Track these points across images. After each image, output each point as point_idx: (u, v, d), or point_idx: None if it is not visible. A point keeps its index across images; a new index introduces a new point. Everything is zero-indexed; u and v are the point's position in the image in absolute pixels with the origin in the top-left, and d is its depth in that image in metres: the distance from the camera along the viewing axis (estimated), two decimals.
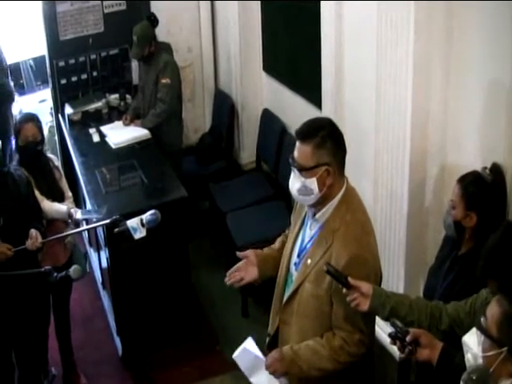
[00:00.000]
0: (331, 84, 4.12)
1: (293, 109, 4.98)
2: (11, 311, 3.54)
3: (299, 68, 4.85)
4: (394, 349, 2.47)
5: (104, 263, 4.55)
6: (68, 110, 5.48)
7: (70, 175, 4.63)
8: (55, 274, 3.07)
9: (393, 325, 2.30)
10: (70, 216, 3.81)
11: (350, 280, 2.37)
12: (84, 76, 5.63)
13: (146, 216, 3.07)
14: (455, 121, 3.15)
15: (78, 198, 4.72)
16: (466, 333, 2.07)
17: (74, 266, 3.14)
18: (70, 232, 3.82)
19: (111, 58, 5.67)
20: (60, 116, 5.65)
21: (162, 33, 5.33)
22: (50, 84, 5.69)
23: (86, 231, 5.06)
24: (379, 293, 2.42)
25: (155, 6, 5.57)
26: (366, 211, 2.58)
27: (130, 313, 4.26)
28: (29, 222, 3.47)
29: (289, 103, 5.07)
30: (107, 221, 3.21)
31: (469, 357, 2.00)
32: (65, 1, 5.38)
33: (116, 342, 4.46)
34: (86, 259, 4.18)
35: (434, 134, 3.25)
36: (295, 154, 2.46)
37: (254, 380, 2.63)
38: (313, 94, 4.52)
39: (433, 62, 3.14)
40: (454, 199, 2.78)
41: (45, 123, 5.51)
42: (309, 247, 2.56)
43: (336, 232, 2.47)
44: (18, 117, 4.66)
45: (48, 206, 3.76)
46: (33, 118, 3.91)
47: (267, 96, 5.53)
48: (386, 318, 2.42)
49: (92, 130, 5.25)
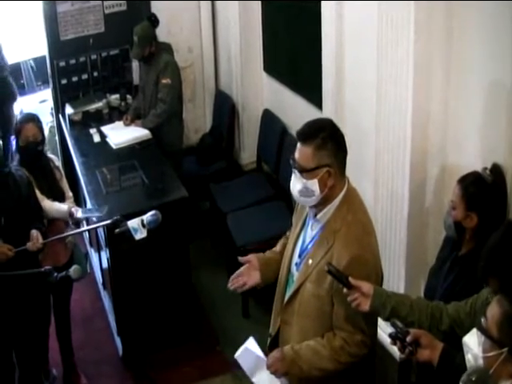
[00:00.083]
0: (332, 84, 4.12)
1: (293, 109, 4.98)
2: (12, 311, 3.54)
3: (300, 68, 4.85)
4: (395, 349, 2.47)
5: (105, 263, 4.55)
6: (68, 110, 5.48)
7: (70, 175, 4.63)
8: (55, 273, 3.07)
9: (393, 325, 2.30)
10: (70, 215, 3.80)
11: (351, 280, 2.37)
12: (85, 76, 5.63)
13: (147, 216, 3.06)
14: (456, 121, 3.15)
15: (79, 198, 4.72)
16: (466, 333, 2.06)
17: (74, 265, 3.14)
18: (70, 232, 3.82)
19: (112, 59, 5.67)
20: (60, 116, 5.65)
21: (162, 33, 5.32)
22: (51, 84, 5.69)
23: (87, 231, 5.06)
24: (380, 293, 2.42)
25: (156, 7, 5.58)
26: (367, 212, 2.58)
27: (130, 313, 4.26)
28: (30, 222, 3.47)
29: (289, 103, 5.06)
30: (108, 221, 3.20)
31: (469, 357, 2.00)
32: (65, 1, 5.39)
33: (116, 342, 4.46)
34: (86, 259, 4.18)
35: (435, 134, 3.25)
36: (296, 156, 2.46)
37: (255, 380, 2.63)
38: (313, 95, 4.51)
39: (433, 62, 3.14)
40: (454, 200, 2.78)
41: (45, 123, 5.51)
42: (310, 247, 2.56)
43: (337, 232, 2.47)
44: (19, 117, 4.66)
45: (49, 205, 3.75)
46: (33, 118, 3.91)
47: (268, 96, 5.53)
48: (387, 318, 2.42)
49: (93, 131, 5.25)
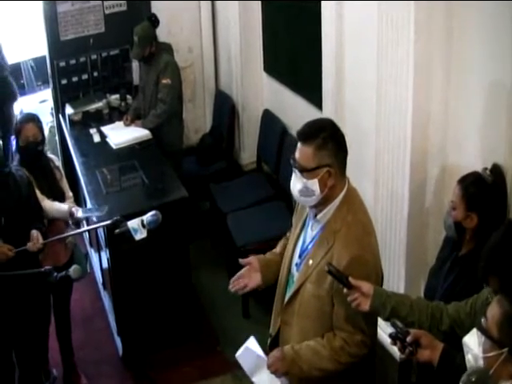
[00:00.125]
0: (332, 84, 4.12)
1: (293, 109, 4.98)
2: (12, 311, 3.54)
3: (300, 68, 4.85)
4: (395, 349, 2.46)
5: (105, 264, 4.55)
6: (69, 110, 5.48)
7: (70, 175, 4.63)
8: (55, 273, 3.07)
9: (393, 325, 2.29)
10: (71, 215, 3.80)
11: (351, 280, 2.37)
12: (85, 76, 5.63)
13: (147, 217, 3.06)
14: (456, 121, 3.15)
15: (79, 199, 4.72)
16: (466, 333, 2.06)
17: (73, 265, 3.13)
18: (71, 233, 3.82)
19: (112, 59, 5.67)
20: (61, 116, 5.65)
21: (162, 33, 5.32)
22: (51, 84, 5.69)
23: (87, 232, 5.06)
24: (380, 293, 2.42)
25: (156, 7, 5.58)
26: (367, 212, 2.58)
27: (130, 313, 4.25)
28: (30, 222, 3.47)
29: (289, 104, 5.06)
30: (108, 222, 3.20)
31: (469, 358, 1.99)
32: (65, 1, 5.39)
33: (116, 342, 4.46)
34: (86, 259, 4.18)
35: (435, 134, 3.25)
36: (296, 155, 2.45)
37: (255, 379, 2.63)
38: (313, 95, 4.51)
39: (433, 62, 3.14)
40: (454, 200, 2.78)
41: (45, 123, 5.51)
42: (310, 248, 2.56)
43: (337, 233, 2.47)
44: (19, 117, 4.66)
45: (49, 205, 3.75)
46: (33, 119, 3.91)
47: (268, 96, 5.53)
48: (387, 318, 2.42)
49: (93, 131, 5.25)
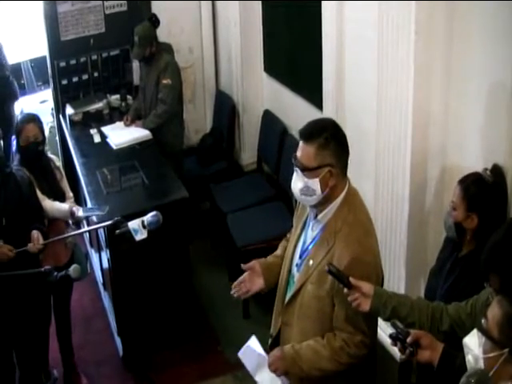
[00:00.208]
0: (332, 85, 4.12)
1: (294, 110, 4.98)
2: (12, 311, 3.54)
3: (300, 69, 4.85)
4: (395, 350, 2.46)
5: (105, 264, 4.55)
6: (69, 110, 5.48)
7: (70, 176, 4.62)
8: (55, 273, 3.07)
9: (393, 326, 2.29)
10: (71, 214, 3.81)
11: (352, 280, 2.37)
12: (85, 76, 5.63)
13: (148, 218, 3.05)
14: (456, 122, 3.15)
15: (79, 199, 4.71)
16: (466, 334, 2.05)
17: (73, 265, 3.13)
18: (71, 233, 3.81)
19: (112, 59, 5.67)
20: (61, 116, 5.66)
21: (163, 33, 5.32)
22: (51, 84, 5.69)
23: (87, 232, 5.05)
24: (380, 293, 2.42)
25: (156, 7, 5.58)
26: (367, 212, 2.58)
27: (130, 313, 4.25)
28: (31, 223, 3.47)
29: (290, 104, 5.06)
30: (109, 222, 3.19)
31: (470, 358, 1.99)
32: (66, 1, 5.39)
33: (117, 342, 4.46)
34: (86, 259, 4.18)
35: (435, 134, 3.25)
36: (298, 154, 2.45)
37: (258, 378, 2.64)
38: (314, 95, 4.51)
39: (434, 62, 3.13)
40: (454, 200, 2.77)
41: (46, 124, 5.50)
42: (311, 248, 2.55)
43: (338, 233, 2.46)
44: (19, 117, 4.65)
45: (49, 205, 3.75)
46: (34, 119, 3.91)
47: (268, 97, 5.53)
48: (387, 318, 2.42)
49: (93, 131, 5.25)
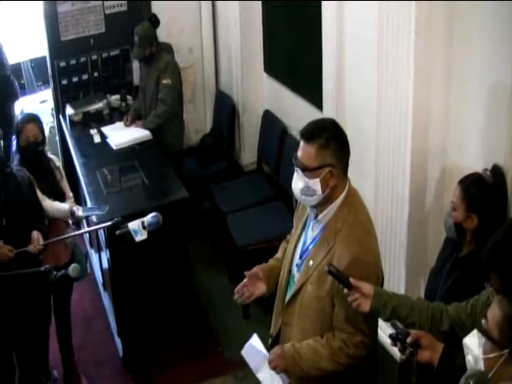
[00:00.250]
0: (332, 85, 4.12)
1: (294, 110, 4.98)
2: (12, 311, 3.54)
3: (300, 69, 4.85)
4: (395, 350, 2.46)
5: (105, 264, 4.55)
6: (69, 110, 5.47)
7: (70, 176, 4.62)
8: (54, 272, 3.07)
9: (393, 326, 2.29)
10: (71, 214, 3.80)
11: (352, 280, 2.37)
12: (85, 77, 5.62)
13: (148, 218, 3.04)
14: (456, 122, 3.15)
15: (79, 199, 4.71)
16: (467, 334, 2.05)
17: (72, 264, 3.12)
18: (71, 234, 3.81)
19: (112, 59, 5.66)
20: (61, 117, 5.65)
21: (163, 33, 5.32)
22: (51, 84, 5.69)
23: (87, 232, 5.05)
24: (380, 293, 2.42)
25: (156, 7, 5.58)
26: (367, 212, 2.58)
27: (130, 314, 4.25)
28: (31, 223, 3.47)
29: (290, 104, 5.06)
30: (109, 223, 3.19)
31: (470, 359, 1.99)
32: (66, 1, 5.39)
33: (117, 343, 4.45)
34: (86, 259, 4.18)
35: (435, 135, 3.25)
36: (299, 154, 2.45)
37: (259, 376, 2.66)
38: (314, 95, 4.51)
39: (434, 62, 3.13)
40: (454, 201, 2.77)
41: (46, 124, 5.50)
42: (311, 248, 2.55)
43: (338, 233, 2.46)
44: (20, 117, 4.66)
45: (49, 205, 3.76)
46: (34, 119, 3.91)
47: (268, 97, 5.53)
48: (387, 319, 2.42)
49: (93, 131, 5.25)
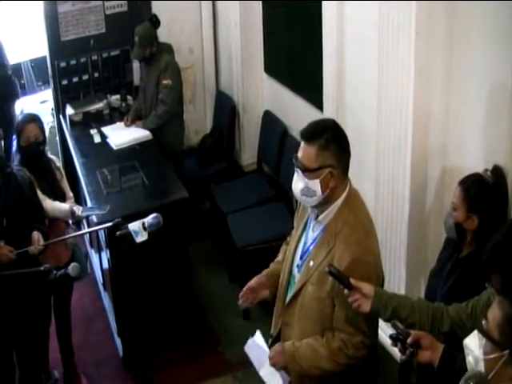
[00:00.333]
0: (332, 85, 4.12)
1: (294, 110, 4.98)
2: (12, 311, 3.54)
3: (300, 69, 4.84)
4: (395, 350, 2.46)
5: (105, 264, 4.55)
6: (69, 110, 5.47)
7: (70, 176, 4.62)
8: (54, 271, 3.06)
9: (394, 326, 2.29)
10: (72, 214, 3.80)
11: (352, 281, 2.37)
12: (85, 77, 5.62)
13: (148, 219, 3.04)
14: (457, 122, 3.15)
15: (79, 199, 4.71)
16: (467, 335, 2.05)
17: (72, 263, 3.12)
18: (72, 234, 3.81)
19: (112, 59, 5.66)
20: (61, 117, 5.65)
21: (163, 34, 5.32)
22: (51, 85, 5.69)
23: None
24: (381, 294, 2.42)
25: (157, 7, 5.58)
26: (368, 213, 2.58)
27: (130, 314, 4.25)
28: (31, 223, 3.47)
29: (290, 105, 5.06)
30: (109, 224, 3.18)
31: (470, 359, 1.99)
32: (66, 1, 5.39)
33: (117, 343, 4.45)
34: (87, 259, 4.18)
35: (436, 135, 3.24)
36: (299, 155, 2.45)
37: (261, 372, 2.67)
38: (314, 95, 4.51)
39: (434, 62, 3.13)
40: (455, 201, 2.77)
41: (46, 124, 5.49)
42: (311, 249, 2.55)
43: (338, 234, 2.46)
44: (20, 117, 4.65)
45: (50, 205, 3.76)
46: (35, 119, 3.91)
47: (268, 97, 5.53)
48: (388, 319, 2.42)
49: (93, 131, 5.25)
